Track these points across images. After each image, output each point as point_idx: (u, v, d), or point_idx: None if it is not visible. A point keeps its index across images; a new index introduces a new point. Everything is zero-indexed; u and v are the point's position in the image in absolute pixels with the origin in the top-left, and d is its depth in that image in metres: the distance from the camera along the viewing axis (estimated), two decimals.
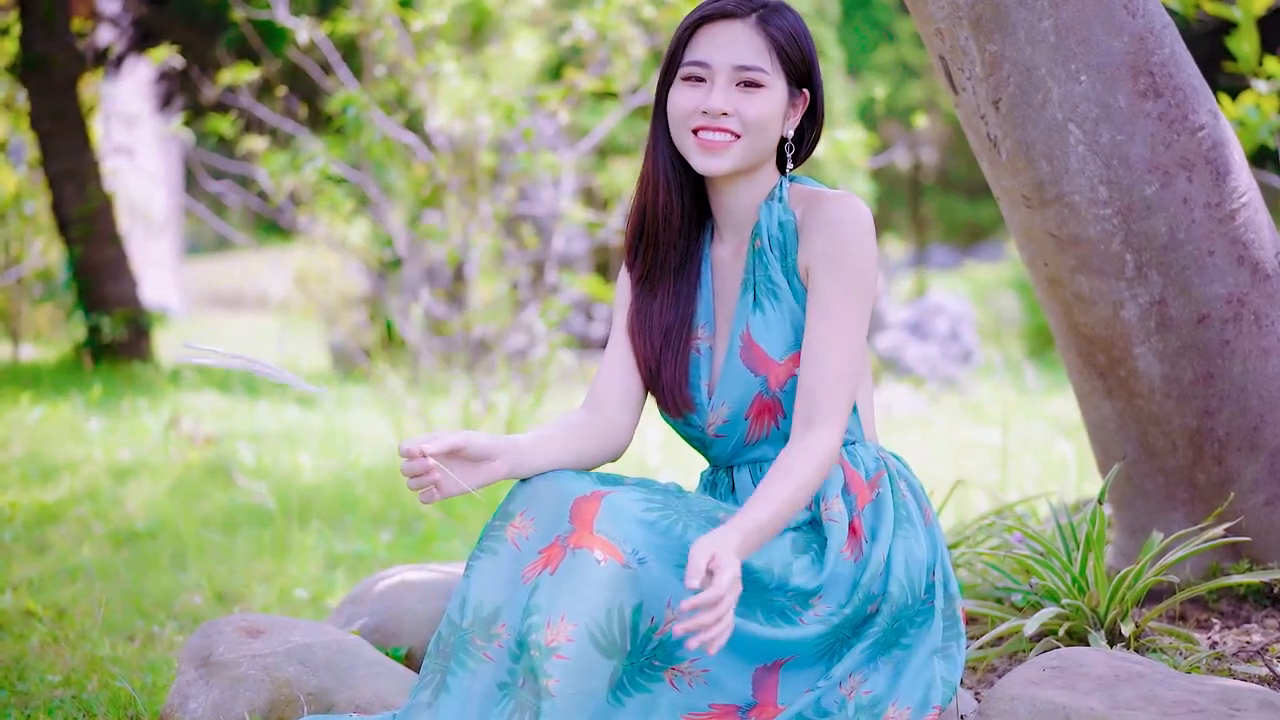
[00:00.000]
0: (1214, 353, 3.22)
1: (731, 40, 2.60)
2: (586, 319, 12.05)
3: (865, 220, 2.59)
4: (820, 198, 2.64)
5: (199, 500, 5.74)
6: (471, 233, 7.85)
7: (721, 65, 2.60)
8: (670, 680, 2.44)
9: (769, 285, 2.65)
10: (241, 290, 21.23)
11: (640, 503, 2.47)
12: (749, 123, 2.60)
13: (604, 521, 2.43)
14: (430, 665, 2.55)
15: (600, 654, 2.38)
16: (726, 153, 2.61)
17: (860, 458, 2.69)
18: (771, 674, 2.51)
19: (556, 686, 2.35)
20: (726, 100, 2.59)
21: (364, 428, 7.84)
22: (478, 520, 5.52)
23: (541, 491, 2.53)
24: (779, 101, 2.63)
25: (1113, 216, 3.16)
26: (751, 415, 2.67)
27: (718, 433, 2.71)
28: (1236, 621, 3.21)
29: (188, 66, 10.27)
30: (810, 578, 2.54)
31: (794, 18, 2.66)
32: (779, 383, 2.63)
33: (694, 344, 2.74)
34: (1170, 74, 3.15)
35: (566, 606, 2.38)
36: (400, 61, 7.75)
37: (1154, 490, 3.39)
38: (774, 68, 2.61)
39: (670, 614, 2.43)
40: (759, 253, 2.67)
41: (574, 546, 2.42)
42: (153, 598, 4.31)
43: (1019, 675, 2.55)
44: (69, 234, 10.95)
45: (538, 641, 2.37)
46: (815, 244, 2.60)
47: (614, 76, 8.10)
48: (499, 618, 2.48)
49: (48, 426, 7.35)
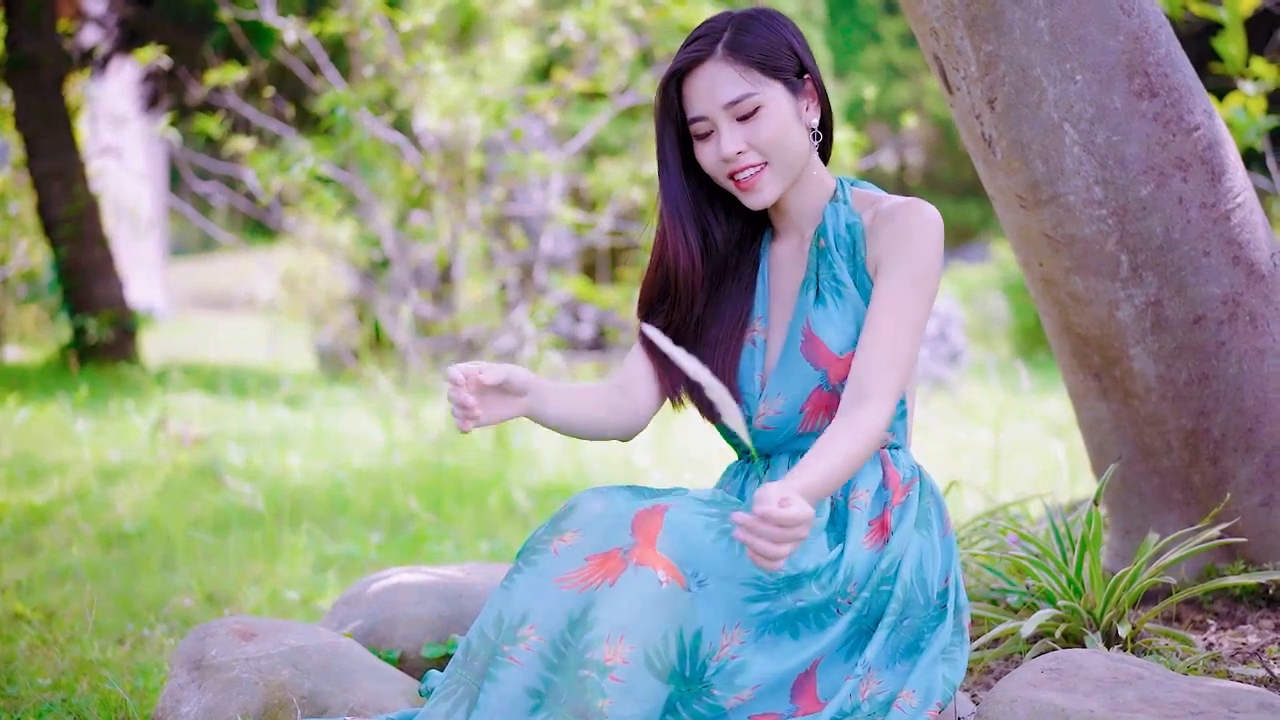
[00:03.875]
0: (1209, 353, 3.22)
1: (710, 84, 2.63)
2: (574, 320, 12.03)
3: (938, 225, 2.63)
4: (888, 202, 2.68)
5: (188, 501, 5.71)
6: (460, 233, 7.84)
7: (713, 111, 2.63)
8: (732, 708, 2.44)
9: (834, 283, 2.69)
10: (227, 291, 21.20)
11: (700, 517, 2.46)
12: (765, 146, 2.63)
13: (666, 540, 2.41)
14: (454, 675, 2.49)
15: (655, 677, 2.35)
16: (761, 182, 2.65)
17: (901, 462, 2.71)
18: (810, 677, 2.51)
19: (611, 708, 2.31)
20: (735, 140, 2.62)
21: (353, 428, 7.82)
22: (467, 521, 5.51)
23: (597, 510, 2.49)
24: (784, 108, 2.64)
25: (1108, 217, 3.16)
26: (808, 409, 2.68)
27: (766, 424, 2.71)
28: (1232, 623, 3.20)
29: (174, 67, 10.24)
30: (817, 557, 2.54)
31: (762, 21, 2.67)
32: (839, 377, 2.65)
33: (749, 336, 2.77)
34: (1166, 74, 3.15)
35: (626, 625, 2.35)
36: (388, 62, 7.73)
37: (1149, 491, 3.38)
38: (761, 80, 2.63)
39: (725, 639, 2.44)
40: (823, 251, 2.70)
41: (637, 563, 2.39)
42: (142, 600, 4.28)
43: (1018, 677, 2.54)
44: (54, 235, 10.91)
45: (596, 660, 2.33)
46: (886, 242, 2.63)
47: (602, 77, 8.10)
48: (527, 620, 2.43)
49: (35, 428, 7.32)
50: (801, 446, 2.72)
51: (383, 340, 10.38)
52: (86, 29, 12.37)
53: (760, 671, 2.46)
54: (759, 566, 2.31)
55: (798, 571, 2.50)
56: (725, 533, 2.46)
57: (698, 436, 7.68)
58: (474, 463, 6.42)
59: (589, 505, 2.49)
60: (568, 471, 6.53)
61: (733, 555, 2.45)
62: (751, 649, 2.47)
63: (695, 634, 2.41)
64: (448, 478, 6.08)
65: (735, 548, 2.45)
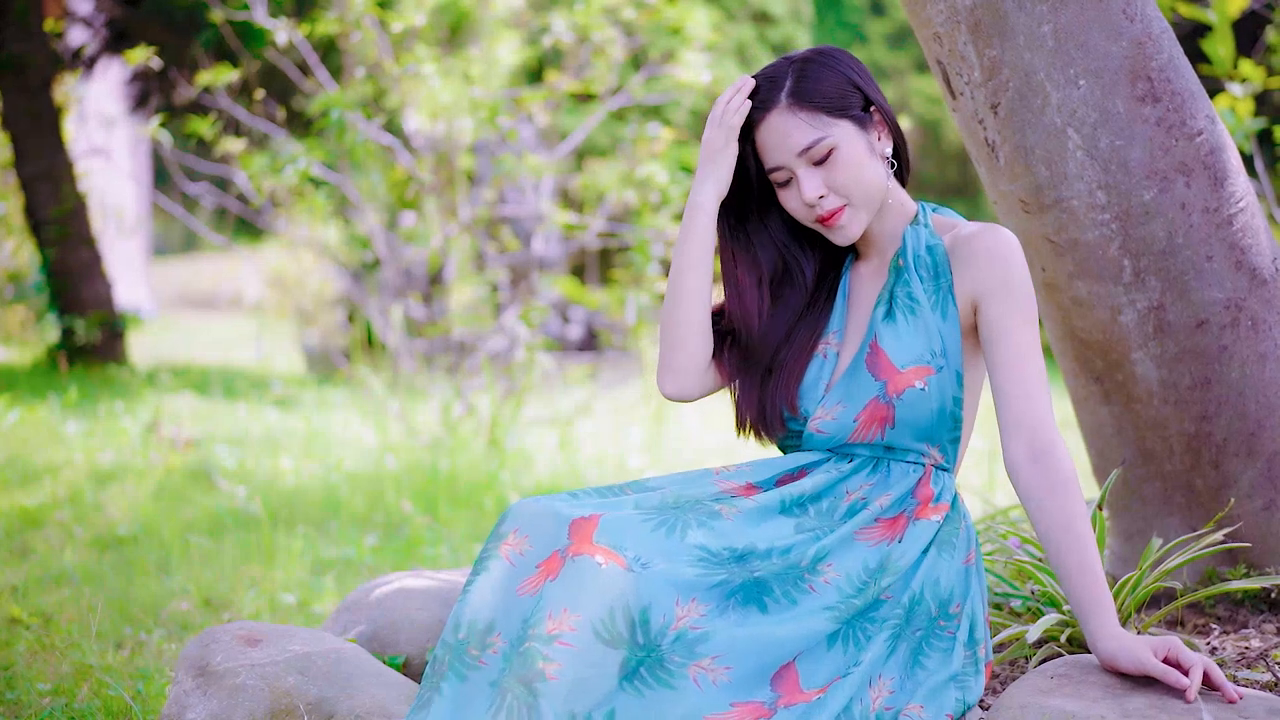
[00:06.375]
0: (1212, 358, 3.22)
1: (781, 134, 2.71)
2: (563, 321, 12.04)
3: (1018, 246, 2.70)
4: (968, 229, 2.75)
5: (182, 504, 5.70)
6: (451, 235, 7.82)
7: (789, 160, 2.71)
8: (694, 678, 2.42)
9: (908, 301, 2.74)
10: (212, 291, 21.14)
11: (636, 514, 2.52)
12: (843, 187, 2.70)
13: (603, 534, 2.46)
14: (425, 685, 2.52)
15: (604, 644, 2.36)
16: (844, 220, 2.72)
17: (942, 483, 2.74)
18: (789, 669, 2.50)
19: (558, 670, 2.31)
20: (814, 185, 2.69)
21: (345, 431, 7.80)
22: (462, 525, 5.50)
23: (534, 513, 2.53)
24: (856, 144, 2.70)
25: (1111, 221, 3.16)
26: (862, 418, 2.71)
27: (820, 428, 2.75)
28: (1234, 627, 3.21)
29: (163, 68, 10.21)
30: (773, 539, 2.60)
31: (820, 62, 2.73)
32: (896, 390, 2.68)
33: (821, 349, 2.82)
34: (1169, 79, 3.15)
35: (569, 602, 2.37)
36: (379, 63, 7.72)
37: (1151, 495, 3.39)
38: (829, 122, 2.69)
39: (681, 610, 2.44)
40: (901, 270, 2.76)
41: (573, 555, 2.42)
42: (139, 604, 4.27)
43: (1027, 683, 2.54)
44: (42, 236, 10.88)
45: (540, 634, 2.35)
46: (978, 274, 2.69)
47: (593, 78, 8.09)
48: (494, 629, 2.45)
49: (25, 430, 7.30)
50: (850, 451, 2.75)
51: (373, 342, 10.37)
52: (73, 29, 12.33)
53: (725, 642, 2.45)
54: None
55: (745, 549, 2.56)
56: (663, 524, 2.52)
57: (688, 437, 7.69)
58: (467, 465, 6.41)
59: (523, 507, 2.54)
60: (561, 473, 6.53)
61: (673, 540, 2.50)
62: (715, 620, 2.47)
63: (643, 608, 2.41)
64: (441, 480, 6.08)
65: (675, 534, 2.51)
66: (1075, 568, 2.54)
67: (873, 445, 2.73)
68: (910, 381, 2.68)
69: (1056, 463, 2.58)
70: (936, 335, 2.70)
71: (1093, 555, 2.54)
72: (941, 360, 2.70)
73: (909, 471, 2.72)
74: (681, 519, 2.54)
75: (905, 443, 2.71)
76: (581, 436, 7.62)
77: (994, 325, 2.67)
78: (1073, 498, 2.56)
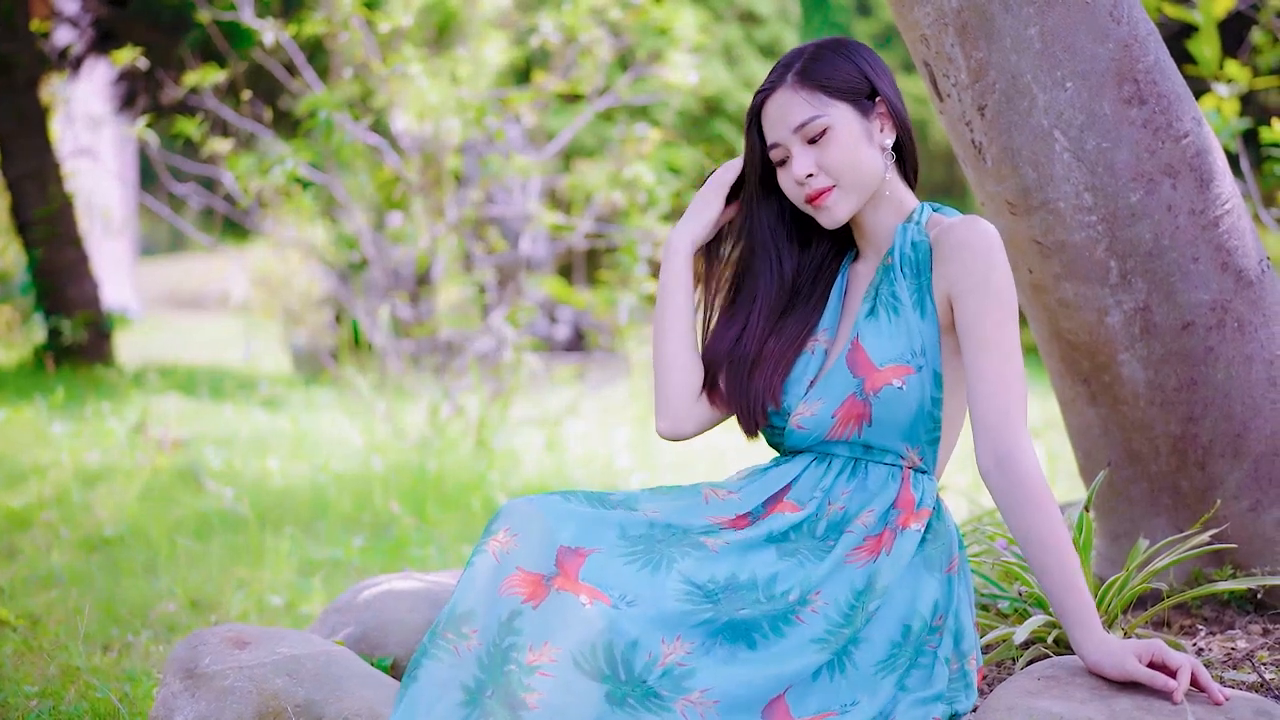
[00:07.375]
0: (1198, 359, 3.23)
1: (781, 110, 2.73)
2: (550, 321, 12.03)
3: (995, 239, 2.65)
4: (949, 221, 2.73)
5: (169, 505, 5.69)
6: (438, 235, 7.82)
7: (785, 136, 2.72)
8: (681, 710, 2.42)
9: (891, 299, 2.73)
10: (198, 291, 21.10)
11: (622, 558, 2.52)
12: (833, 168, 2.71)
13: (589, 572, 2.47)
14: (406, 675, 2.51)
15: (585, 676, 2.36)
16: (831, 201, 2.73)
17: (922, 488, 2.72)
18: (779, 701, 2.49)
19: (539, 700, 2.32)
20: (805, 164, 2.71)
21: (332, 431, 7.79)
22: (450, 525, 5.50)
23: (526, 513, 2.53)
24: (851, 129, 2.71)
25: (1097, 223, 3.17)
26: (839, 415, 2.70)
27: (800, 424, 2.75)
28: (1220, 627, 3.22)
29: (150, 68, 10.19)
30: (756, 571, 2.59)
31: (833, 49, 2.76)
32: (873, 388, 2.67)
33: (810, 345, 2.83)
34: (1155, 81, 3.16)
35: (549, 636, 2.38)
36: (367, 63, 7.71)
37: (1137, 496, 3.39)
38: (827, 102, 2.70)
39: (667, 648, 2.44)
40: (888, 268, 2.75)
41: (558, 588, 2.43)
42: (127, 605, 4.27)
43: (1014, 685, 2.55)
44: (29, 236, 10.85)
45: (519, 660, 2.36)
46: (952, 270, 2.67)
47: (580, 79, 8.08)
48: (472, 620, 2.44)
49: (11, 430, 7.28)
50: (829, 450, 2.74)
51: (360, 342, 10.36)
52: (60, 29, 12.30)
53: (712, 677, 2.44)
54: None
55: (728, 580, 2.55)
56: (648, 563, 2.52)
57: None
58: (455, 465, 6.41)
59: (515, 507, 2.54)
60: (548, 473, 6.53)
61: (658, 576, 2.50)
62: (700, 658, 2.47)
63: (628, 644, 2.42)
64: (429, 480, 6.07)
65: (660, 574, 2.51)
66: (1056, 579, 2.53)
67: (850, 444, 2.71)
68: (888, 379, 2.67)
69: (1016, 467, 2.55)
70: (917, 334, 2.69)
71: (1072, 565, 2.52)
72: (921, 360, 2.68)
73: (888, 477, 2.71)
74: (667, 554, 2.54)
75: (883, 442, 2.70)
76: (569, 437, 7.62)
77: (967, 322, 2.64)
78: (1041, 509, 2.53)
